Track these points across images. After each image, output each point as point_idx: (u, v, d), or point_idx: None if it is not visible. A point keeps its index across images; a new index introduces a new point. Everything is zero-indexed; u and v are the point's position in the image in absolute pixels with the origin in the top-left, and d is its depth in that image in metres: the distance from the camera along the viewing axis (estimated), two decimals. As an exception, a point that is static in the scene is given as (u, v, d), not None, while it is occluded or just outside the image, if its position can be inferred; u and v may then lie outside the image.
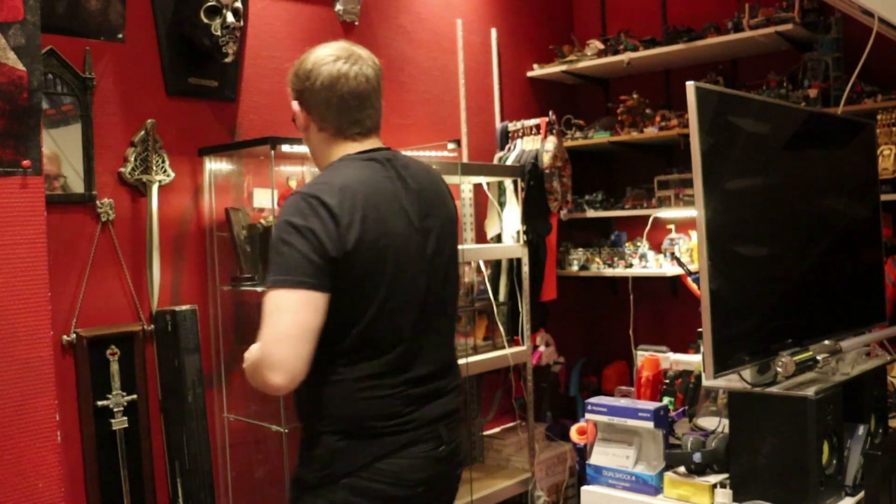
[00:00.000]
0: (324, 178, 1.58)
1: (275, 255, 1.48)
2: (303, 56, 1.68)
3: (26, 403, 1.89)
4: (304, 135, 1.71)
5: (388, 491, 1.55)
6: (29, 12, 1.90)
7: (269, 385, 1.46)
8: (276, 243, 1.49)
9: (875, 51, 2.48)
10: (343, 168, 1.60)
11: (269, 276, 1.48)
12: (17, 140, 1.89)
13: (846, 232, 2.45)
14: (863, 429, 2.06)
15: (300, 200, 1.51)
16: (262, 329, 1.46)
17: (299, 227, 1.48)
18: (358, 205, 1.52)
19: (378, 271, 1.53)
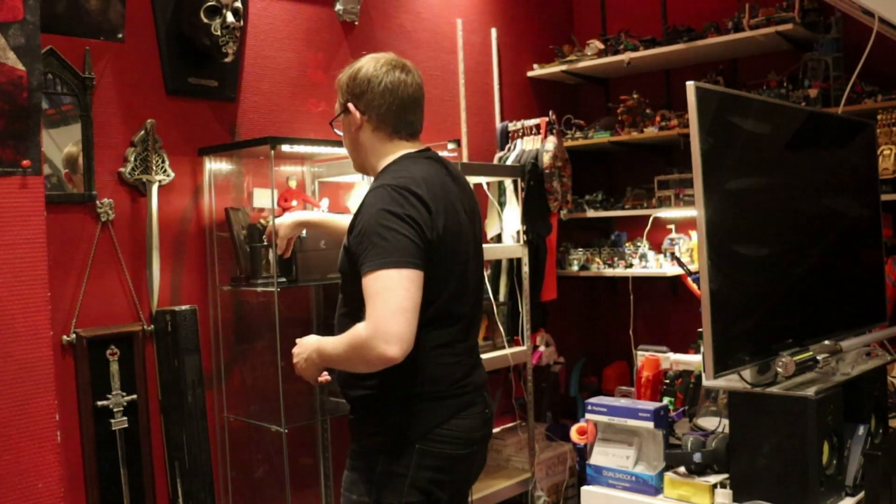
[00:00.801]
0: (400, 172, 1.75)
1: (378, 239, 1.63)
2: (356, 64, 1.85)
3: (26, 403, 1.89)
4: (352, 135, 1.86)
5: (451, 451, 1.76)
6: (29, 12, 1.90)
7: (384, 358, 1.58)
8: (378, 229, 1.64)
9: (875, 51, 2.48)
10: (412, 164, 1.79)
11: (374, 259, 1.62)
12: (17, 140, 1.89)
13: (846, 232, 2.45)
14: (863, 429, 2.05)
15: (392, 192, 1.68)
16: (373, 306, 1.60)
17: (399, 214, 1.65)
18: (438, 195, 1.74)
19: (454, 252, 1.77)
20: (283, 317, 2.69)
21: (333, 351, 1.72)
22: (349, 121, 1.85)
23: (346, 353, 1.67)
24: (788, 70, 3.47)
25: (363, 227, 1.67)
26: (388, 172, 1.79)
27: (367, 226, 1.66)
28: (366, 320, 1.60)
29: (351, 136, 1.86)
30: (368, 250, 1.63)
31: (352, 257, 1.71)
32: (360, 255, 1.65)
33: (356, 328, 1.63)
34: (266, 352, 2.84)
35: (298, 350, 1.83)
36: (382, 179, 1.76)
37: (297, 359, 1.84)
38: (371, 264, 1.62)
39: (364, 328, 1.60)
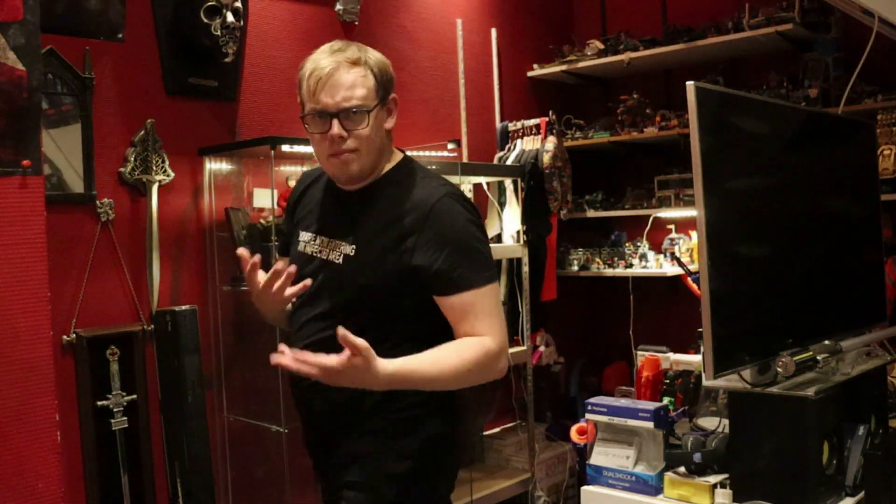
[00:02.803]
0: (442, 180, 1.66)
1: (476, 253, 1.55)
2: (377, 53, 1.62)
3: (26, 403, 1.89)
4: (378, 130, 1.60)
5: (456, 462, 1.76)
6: (29, 12, 1.90)
7: (502, 372, 1.55)
8: (474, 241, 1.56)
9: (875, 51, 2.48)
10: (425, 167, 1.72)
11: (482, 273, 1.54)
12: (17, 140, 1.89)
13: (846, 232, 2.45)
14: (863, 429, 2.06)
15: (464, 202, 1.61)
16: (494, 321, 1.54)
17: (480, 225, 1.61)
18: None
19: None
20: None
21: (479, 362, 1.51)
22: (382, 115, 1.61)
23: (465, 371, 1.49)
24: (788, 70, 3.47)
25: (457, 239, 1.53)
26: (418, 175, 1.64)
27: (462, 237, 1.54)
28: (490, 335, 1.51)
29: (381, 133, 1.61)
30: (471, 263, 1.53)
31: (422, 272, 1.53)
32: (451, 270, 1.52)
33: (481, 343, 1.51)
34: (266, 352, 2.80)
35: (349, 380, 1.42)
36: (433, 185, 1.60)
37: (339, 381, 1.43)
38: (480, 278, 1.53)
39: (493, 343, 1.52)
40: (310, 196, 1.75)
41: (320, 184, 1.74)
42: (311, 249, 1.66)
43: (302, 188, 1.79)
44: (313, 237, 1.66)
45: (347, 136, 1.54)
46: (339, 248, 1.60)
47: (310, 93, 1.54)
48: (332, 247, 1.62)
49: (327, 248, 1.63)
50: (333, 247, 1.62)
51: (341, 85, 1.53)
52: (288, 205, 1.83)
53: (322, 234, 1.65)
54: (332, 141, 1.54)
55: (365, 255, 1.57)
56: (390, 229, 1.56)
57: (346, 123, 1.54)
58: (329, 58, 1.54)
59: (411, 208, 1.56)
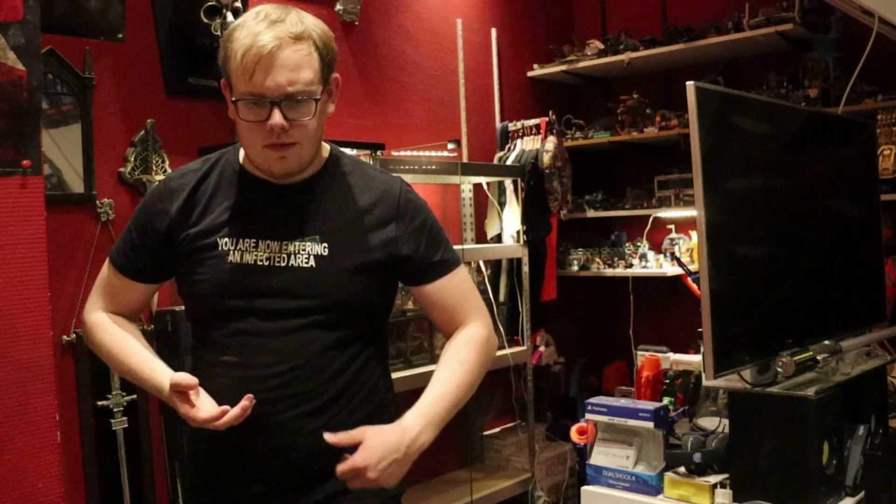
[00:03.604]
0: (368, 164, 1.58)
1: (444, 235, 1.51)
2: (316, 20, 1.39)
3: (26, 403, 1.89)
4: (321, 119, 1.40)
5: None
6: (29, 12, 1.90)
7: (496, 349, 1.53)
8: (439, 225, 1.51)
9: (875, 51, 2.48)
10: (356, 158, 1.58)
11: (452, 252, 1.50)
12: (17, 140, 1.89)
13: (846, 232, 2.45)
14: (863, 429, 2.06)
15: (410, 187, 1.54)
16: (477, 299, 1.51)
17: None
18: None
19: None
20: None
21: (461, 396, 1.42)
22: (325, 100, 1.40)
23: (476, 377, 1.46)
24: (788, 70, 3.47)
25: (430, 225, 1.48)
26: (358, 165, 1.51)
27: (433, 223, 1.49)
28: (475, 317, 1.48)
29: (323, 121, 1.41)
30: (443, 245, 1.49)
31: (409, 262, 1.45)
32: (433, 254, 1.46)
33: (474, 336, 1.47)
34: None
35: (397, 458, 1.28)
36: (381, 174, 1.51)
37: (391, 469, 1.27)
38: (457, 258, 1.50)
39: (483, 326, 1.49)
40: (208, 196, 1.44)
41: (219, 180, 1.45)
42: (253, 258, 1.38)
43: (188, 189, 1.44)
44: (253, 243, 1.39)
45: (289, 126, 1.32)
46: (302, 250, 1.39)
47: (244, 73, 1.29)
48: (289, 250, 1.39)
49: (283, 253, 1.39)
50: (293, 249, 1.39)
51: (284, 66, 1.29)
52: (149, 212, 1.45)
53: (267, 238, 1.39)
54: (269, 131, 1.31)
55: (343, 252, 1.40)
56: (361, 222, 1.43)
57: (288, 112, 1.31)
58: (268, 31, 1.29)
59: (377, 199, 1.45)
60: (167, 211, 1.43)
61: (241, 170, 1.44)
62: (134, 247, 1.47)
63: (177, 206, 1.43)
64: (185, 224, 1.43)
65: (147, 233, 1.45)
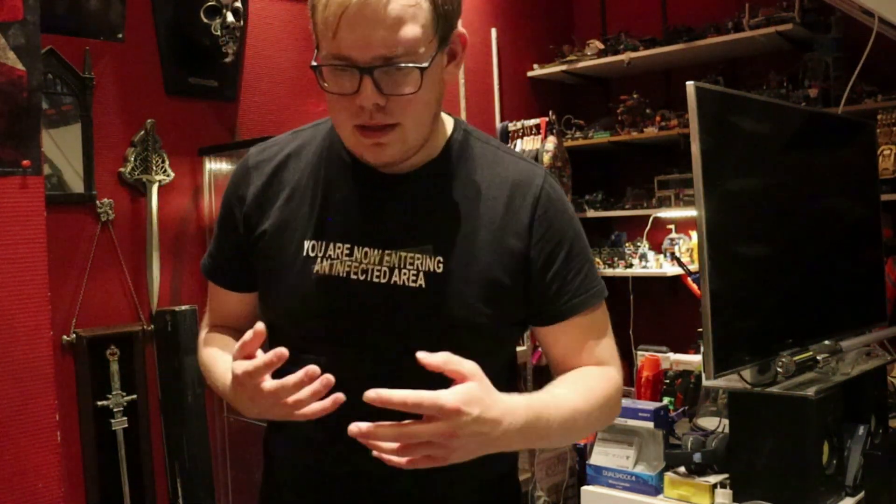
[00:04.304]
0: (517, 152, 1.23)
1: (590, 254, 1.16)
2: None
3: (26, 403, 1.89)
4: (434, 91, 1.04)
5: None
6: (29, 12, 1.90)
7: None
8: (586, 240, 1.15)
9: (875, 51, 2.48)
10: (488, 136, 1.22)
11: (599, 282, 1.15)
12: (17, 140, 1.89)
13: (846, 232, 2.45)
14: (863, 429, 2.06)
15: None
16: (611, 345, 1.17)
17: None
18: None
19: None
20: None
21: (571, 425, 1.05)
22: (440, 65, 1.04)
23: (599, 419, 1.11)
24: (788, 70, 3.47)
25: (573, 238, 1.12)
26: (490, 146, 1.16)
27: (578, 235, 1.13)
28: (611, 363, 1.16)
29: (438, 93, 1.07)
30: (586, 270, 1.13)
31: (539, 286, 1.10)
32: (572, 281, 1.10)
33: (608, 375, 1.13)
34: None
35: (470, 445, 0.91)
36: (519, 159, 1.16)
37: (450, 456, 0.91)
38: (599, 289, 1.14)
39: (617, 372, 1.16)
40: (295, 181, 1.12)
41: (312, 161, 1.13)
42: (345, 269, 1.07)
43: (269, 169, 1.14)
44: (347, 249, 1.07)
45: (386, 102, 0.98)
46: (410, 264, 1.06)
47: (327, 28, 0.96)
48: (393, 262, 1.06)
49: (383, 265, 1.06)
50: (398, 262, 1.06)
51: (378, 21, 0.94)
52: (233, 197, 1.16)
53: (365, 244, 1.07)
54: (360, 109, 0.98)
55: (462, 269, 1.06)
56: (487, 227, 1.08)
57: (384, 84, 0.97)
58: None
59: (509, 197, 1.10)
60: (244, 197, 1.13)
61: (340, 150, 1.11)
62: (219, 246, 1.23)
63: (253, 191, 1.13)
64: (262, 215, 1.12)
65: (228, 228, 1.17)
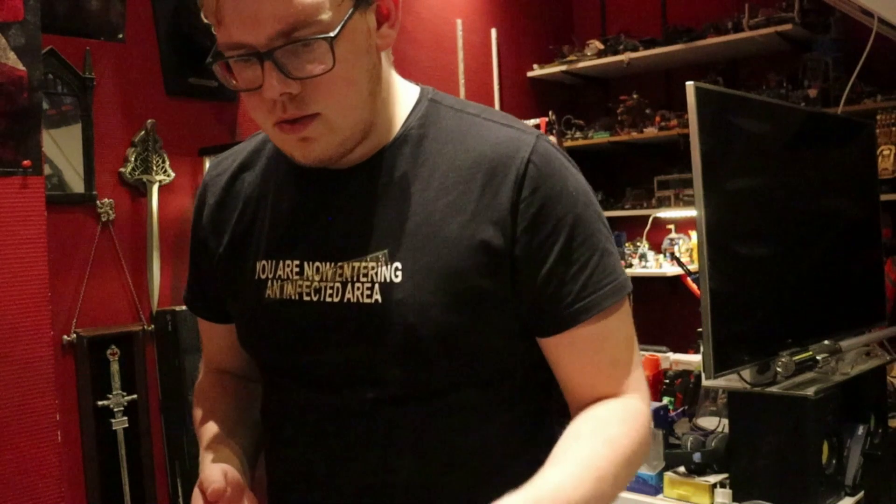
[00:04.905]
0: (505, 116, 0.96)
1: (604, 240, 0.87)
2: None
3: (27, 403, 1.89)
4: (359, 61, 0.81)
5: None
6: (29, 12, 1.90)
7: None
8: (603, 229, 0.88)
9: (875, 51, 2.48)
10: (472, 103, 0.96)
11: (614, 277, 0.86)
12: (18, 140, 1.90)
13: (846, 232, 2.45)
14: (862, 428, 2.06)
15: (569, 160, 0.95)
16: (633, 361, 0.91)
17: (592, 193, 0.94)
18: None
19: None
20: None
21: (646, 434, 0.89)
22: (362, 28, 0.81)
23: (624, 477, 0.85)
24: (788, 70, 3.48)
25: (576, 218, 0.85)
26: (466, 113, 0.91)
27: (578, 217, 0.85)
28: (632, 388, 0.90)
29: (366, 63, 0.83)
30: (597, 266, 0.85)
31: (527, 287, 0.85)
32: (570, 279, 0.84)
33: (633, 412, 0.89)
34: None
35: None
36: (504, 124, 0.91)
37: None
38: (615, 287, 0.86)
39: (643, 402, 0.91)
40: (247, 193, 0.96)
41: (265, 169, 0.96)
42: (296, 290, 0.89)
43: (222, 183, 0.98)
44: (297, 266, 0.89)
45: (298, 90, 0.79)
46: (363, 275, 0.86)
47: (212, 13, 0.80)
48: (344, 276, 0.86)
49: (335, 281, 0.87)
50: (349, 275, 0.86)
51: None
52: (195, 219, 1.01)
53: (315, 258, 0.89)
54: (273, 103, 0.81)
55: (424, 275, 0.84)
56: (456, 219, 0.84)
57: (292, 67, 0.78)
58: None
59: (488, 171, 0.85)
60: (201, 219, 0.99)
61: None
62: (193, 275, 1.04)
63: (208, 212, 0.98)
64: (218, 238, 0.97)
65: (196, 253, 1.01)
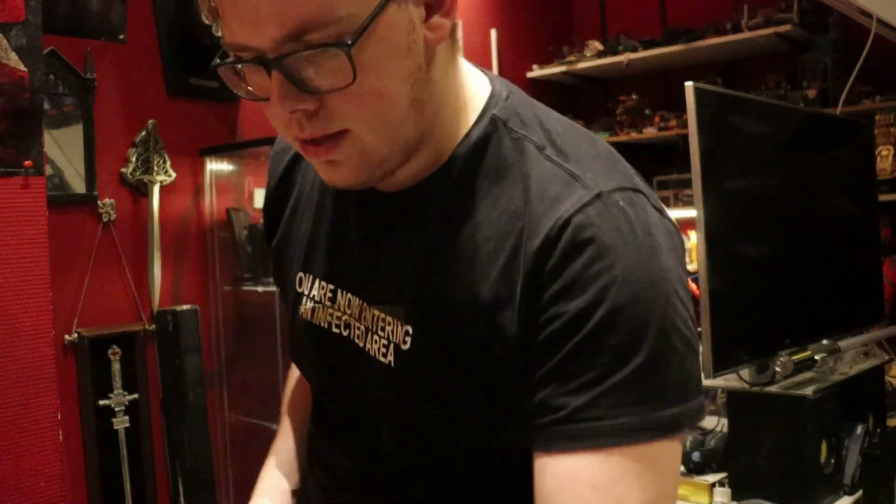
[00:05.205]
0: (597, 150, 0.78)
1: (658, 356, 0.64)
2: None
3: (28, 403, 1.90)
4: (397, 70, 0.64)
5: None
6: (31, 13, 1.91)
7: None
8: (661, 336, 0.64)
9: (873, 52, 2.49)
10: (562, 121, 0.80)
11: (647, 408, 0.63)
12: (19, 140, 1.90)
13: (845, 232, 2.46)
14: (861, 428, 2.06)
15: (666, 222, 0.71)
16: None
17: (682, 279, 0.68)
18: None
19: None
20: (284, 317, 2.70)
21: None
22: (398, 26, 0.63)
23: None
24: (787, 71, 3.48)
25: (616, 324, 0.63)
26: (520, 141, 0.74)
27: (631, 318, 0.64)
28: None
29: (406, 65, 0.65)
30: (630, 383, 0.63)
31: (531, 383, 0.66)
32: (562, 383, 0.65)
33: None
34: (267, 351, 2.85)
35: None
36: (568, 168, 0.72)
37: None
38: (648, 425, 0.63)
39: None
40: (299, 187, 0.85)
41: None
42: (325, 318, 0.79)
43: (284, 163, 0.87)
44: (329, 292, 0.79)
45: (315, 106, 0.64)
46: (381, 329, 0.74)
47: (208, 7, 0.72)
48: (367, 320, 0.75)
49: (361, 322, 0.76)
50: (370, 322, 0.75)
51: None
52: (267, 202, 0.90)
53: (346, 288, 0.78)
54: (289, 117, 0.65)
55: (436, 353, 0.70)
56: (478, 286, 0.68)
57: (308, 76, 0.63)
58: None
59: (520, 229, 0.68)
60: (269, 195, 0.89)
61: None
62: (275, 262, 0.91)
63: (269, 192, 0.88)
64: (274, 222, 0.87)
65: (267, 227, 0.91)
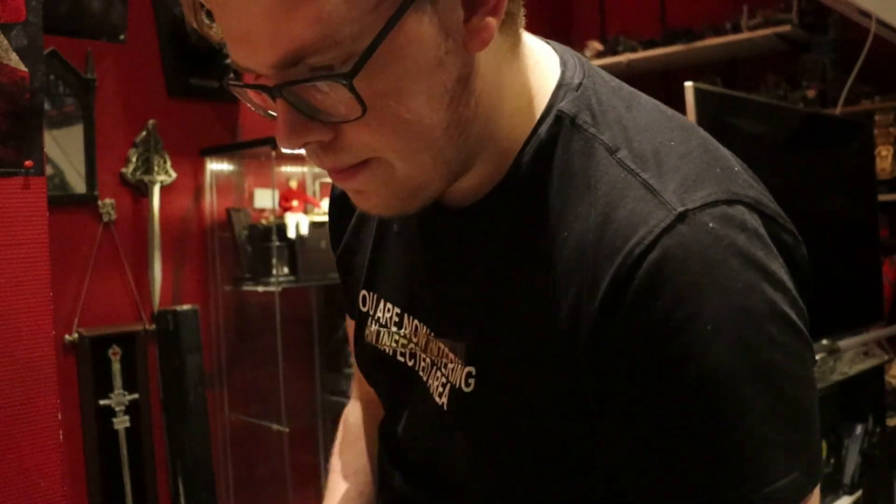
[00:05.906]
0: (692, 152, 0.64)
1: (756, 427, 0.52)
2: None
3: (28, 403, 1.90)
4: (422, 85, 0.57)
5: None
6: (31, 13, 1.91)
7: None
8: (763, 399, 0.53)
9: (873, 52, 2.49)
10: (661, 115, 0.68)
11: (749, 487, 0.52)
12: (20, 140, 1.90)
13: (844, 232, 2.47)
14: (860, 428, 2.07)
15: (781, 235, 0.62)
16: None
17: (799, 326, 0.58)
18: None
19: None
20: (285, 316, 2.70)
21: None
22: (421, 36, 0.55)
23: None
24: (786, 71, 3.48)
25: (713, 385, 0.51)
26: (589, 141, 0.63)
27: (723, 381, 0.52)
28: None
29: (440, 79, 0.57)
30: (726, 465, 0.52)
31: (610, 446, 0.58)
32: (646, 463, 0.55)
33: None
34: (267, 351, 2.85)
35: None
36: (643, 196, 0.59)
37: None
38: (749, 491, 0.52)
39: None
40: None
41: None
42: (391, 344, 0.73)
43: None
44: (396, 315, 0.73)
45: (329, 136, 0.60)
46: (443, 366, 0.67)
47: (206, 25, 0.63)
48: (433, 353, 0.69)
49: (427, 354, 0.70)
50: (435, 356, 0.68)
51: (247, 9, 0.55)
52: (331, 209, 0.84)
53: (414, 314, 0.71)
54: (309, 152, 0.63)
55: (500, 396, 0.63)
56: (540, 325, 0.60)
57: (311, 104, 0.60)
58: None
59: (591, 257, 0.58)
60: (334, 202, 0.84)
61: None
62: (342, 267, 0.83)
63: (336, 196, 0.83)
64: (339, 234, 0.82)
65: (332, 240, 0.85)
